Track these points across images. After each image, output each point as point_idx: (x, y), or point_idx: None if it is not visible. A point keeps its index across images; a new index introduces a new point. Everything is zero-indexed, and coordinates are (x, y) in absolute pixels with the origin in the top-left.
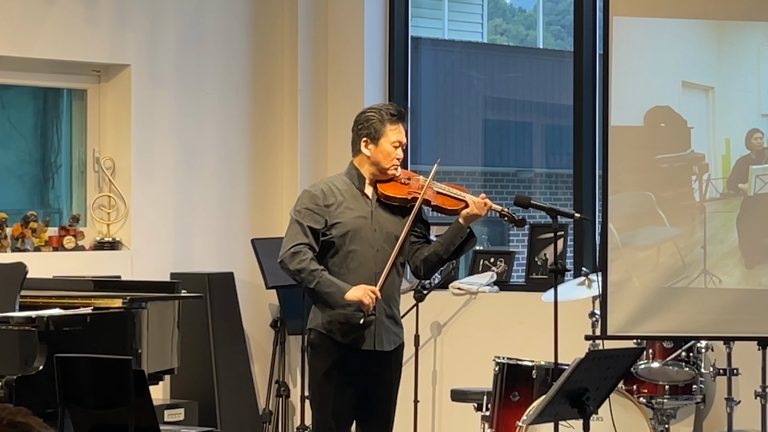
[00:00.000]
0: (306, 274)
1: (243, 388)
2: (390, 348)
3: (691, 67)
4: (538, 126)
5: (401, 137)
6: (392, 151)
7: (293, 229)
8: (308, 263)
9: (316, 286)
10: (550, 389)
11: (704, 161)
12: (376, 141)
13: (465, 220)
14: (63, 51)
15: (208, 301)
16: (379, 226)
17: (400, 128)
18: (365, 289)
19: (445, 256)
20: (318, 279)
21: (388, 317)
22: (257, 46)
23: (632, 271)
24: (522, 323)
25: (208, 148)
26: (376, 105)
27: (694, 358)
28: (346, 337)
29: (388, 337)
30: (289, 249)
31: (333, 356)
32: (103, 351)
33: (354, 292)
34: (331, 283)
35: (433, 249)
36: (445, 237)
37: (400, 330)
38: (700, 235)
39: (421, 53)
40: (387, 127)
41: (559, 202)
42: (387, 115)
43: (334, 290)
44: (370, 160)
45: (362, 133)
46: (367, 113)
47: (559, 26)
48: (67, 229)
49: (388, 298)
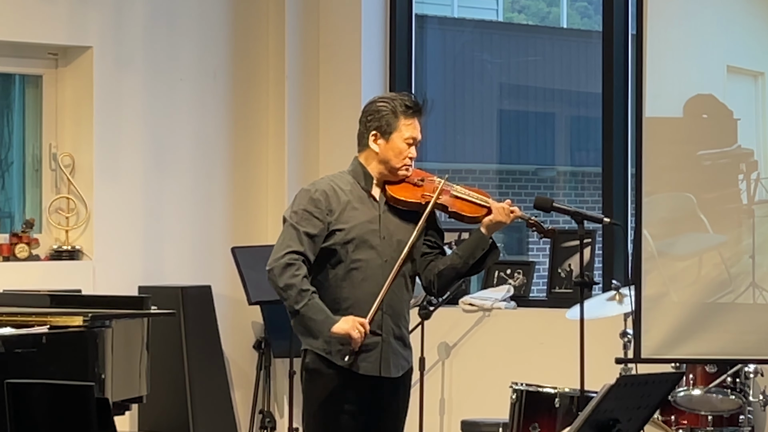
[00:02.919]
0: (295, 292)
1: (222, 419)
2: (398, 374)
3: (738, 50)
4: (562, 117)
5: (416, 133)
6: (404, 149)
7: (288, 234)
8: (300, 281)
9: (302, 309)
10: (576, 420)
11: (753, 158)
12: (387, 136)
13: (487, 230)
14: (15, 31)
15: (181, 318)
16: (389, 233)
17: (416, 123)
18: (354, 322)
19: (463, 270)
20: (306, 301)
21: (396, 338)
22: (238, 24)
23: (670, 284)
24: (543, 344)
25: (182, 143)
26: (389, 94)
27: (741, 384)
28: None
29: (396, 362)
30: (282, 258)
31: (332, 383)
32: (61, 376)
33: (341, 324)
34: (319, 310)
35: (450, 262)
36: (464, 248)
37: (409, 353)
38: (748, 242)
39: (427, 34)
40: (401, 120)
41: (586, 205)
42: (401, 106)
43: (321, 318)
44: (379, 157)
45: (371, 125)
46: (379, 103)
47: (585, 2)
48: (19, 236)
49: (397, 317)
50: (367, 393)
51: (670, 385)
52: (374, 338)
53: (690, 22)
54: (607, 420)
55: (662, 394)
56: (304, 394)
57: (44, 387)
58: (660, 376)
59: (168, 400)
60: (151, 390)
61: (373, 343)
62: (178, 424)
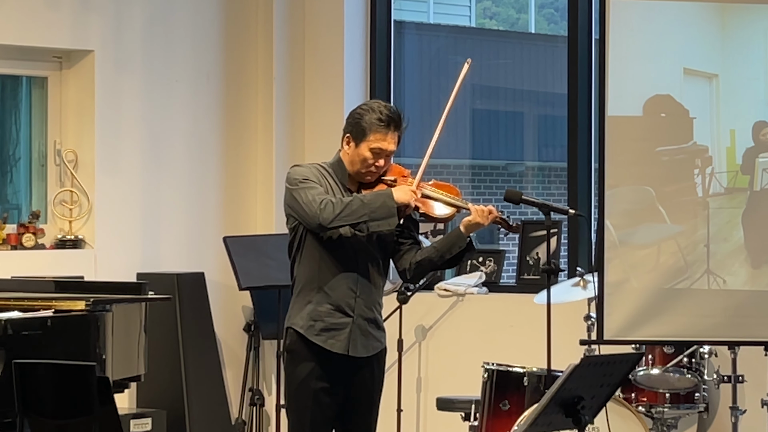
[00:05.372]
0: (347, 208)
1: (214, 396)
2: (367, 354)
3: (694, 53)
4: (530, 116)
5: (385, 145)
6: (369, 158)
7: (306, 192)
8: (338, 202)
9: (362, 207)
10: (543, 398)
11: (707, 154)
12: (356, 142)
13: (466, 230)
14: (22, 36)
15: (177, 303)
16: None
17: (388, 137)
18: (408, 190)
19: (439, 263)
20: (358, 200)
21: (368, 321)
22: (229, 30)
23: (630, 271)
24: (512, 327)
25: (177, 140)
26: (375, 103)
27: (697, 364)
28: (320, 338)
29: (366, 342)
30: (319, 205)
31: (311, 362)
32: (65, 357)
33: (399, 195)
34: (371, 197)
35: (427, 254)
36: (442, 244)
37: (382, 335)
38: (703, 232)
39: (405, 38)
40: (372, 132)
41: (553, 198)
42: (377, 119)
43: (379, 201)
44: (348, 158)
45: (348, 128)
46: (361, 109)
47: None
48: (26, 226)
49: (370, 301)
50: (341, 371)
51: (630, 365)
52: (345, 319)
53: (649, 28)
54: (572, 397)
55: (623, 373)
56: (285, 372)
57: (49, 366)
58: (621, 356)
59: (164, 378)
60: (148, 369)
61: (343, 323)
62: (174, 401)
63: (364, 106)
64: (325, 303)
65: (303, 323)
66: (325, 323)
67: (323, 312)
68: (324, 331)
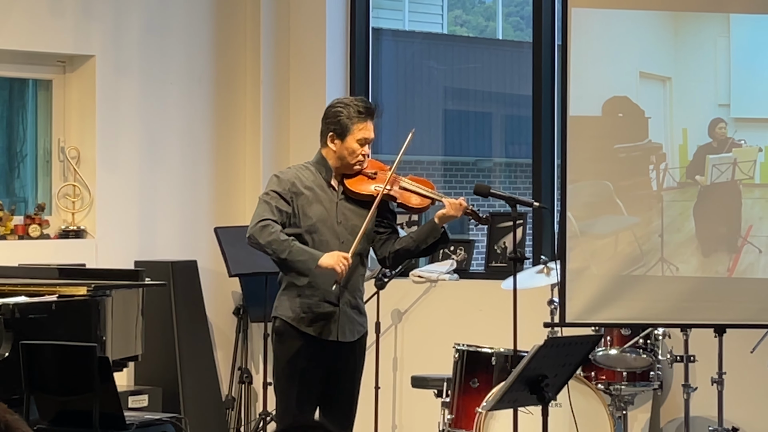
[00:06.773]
0: (277, 245)
1: (206, 374)
2: (353, 338)
3: (649, 57)
4: (498, 116)
5: (368, 134)
6: (357, 149)
7: (261, 208)
8: (278, 234)
9: (288, 256)
10: (510, 376)
11: (661, 151)
12: (342, 137)
13: (440, 221)
14: (28, 42)
15: (171, 288)
16: (345, 218)
17: (368, 126)
18: (338, 256)
19: (415, 252)
20: (290, 248)
21: (352, 308)
22: (220, 36)
23: (590, 259)
24: (481, 311)
25: (172, 138)
26: (346, 99)
27: (652, 345)
28: (312, 328)
29: (352, 328)
30: (258, 223)
31: (297, 344)
32: (68, 338)
33: (326, 259)
34: (302, 252)
35: (404, 244)
36: (418, 234)
37: (364, 319)
38: (657, 223)
39: (382, 44)
40: (354, 124)
41: (519, 191)
42: (355, 112)
43: (306, 258)
44: (336, 154)
45: (329, 128)
46: (336, 107)
47: (518, 17)
48: (32, 217)
49: (353, 289)
50: (326, 353)
51: (590, 346)
52: (333, 308)
53: (607, 35)
54: (537, 376)
55: (584, 353)
56: (274, 353)
57: (53, 347)
58: (582, 338)
59: (160, 358)
60: (145, 350)
61: (331, 312)
62: (169, 379)
63: (339, 105)
64: (313, 295)
65: (294, 315)
66: (315, 314)
67: (312, 304)
68: (314, 321)
